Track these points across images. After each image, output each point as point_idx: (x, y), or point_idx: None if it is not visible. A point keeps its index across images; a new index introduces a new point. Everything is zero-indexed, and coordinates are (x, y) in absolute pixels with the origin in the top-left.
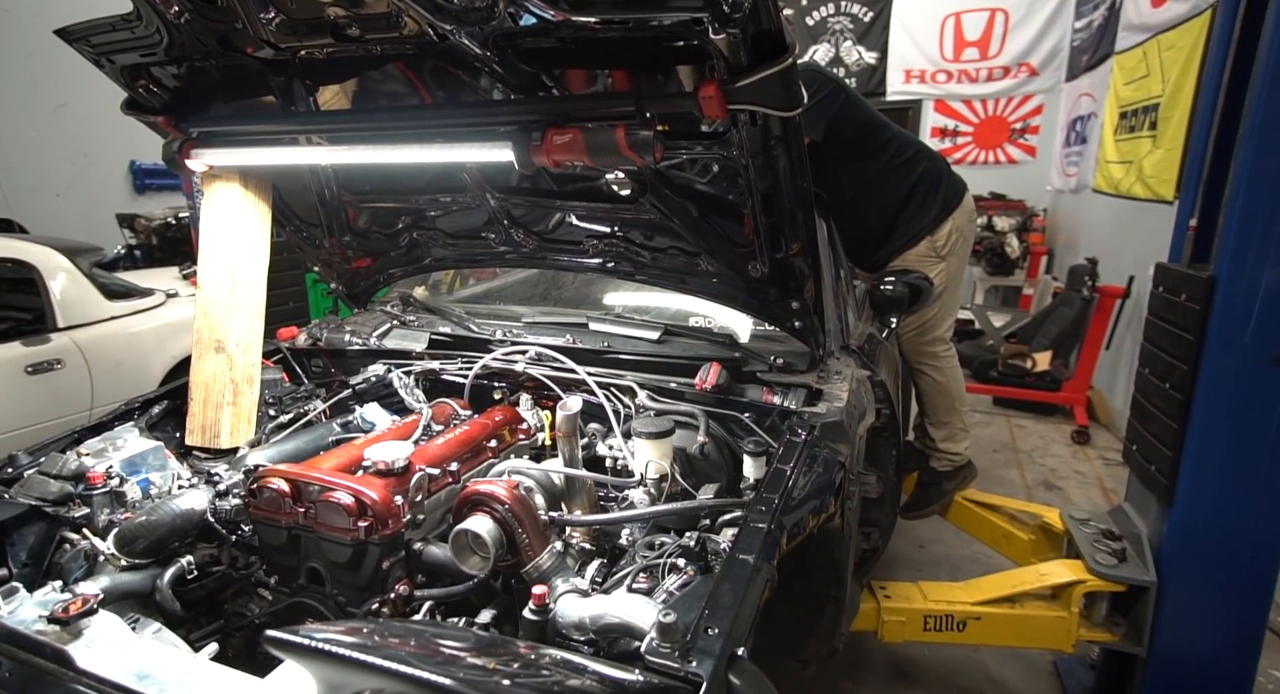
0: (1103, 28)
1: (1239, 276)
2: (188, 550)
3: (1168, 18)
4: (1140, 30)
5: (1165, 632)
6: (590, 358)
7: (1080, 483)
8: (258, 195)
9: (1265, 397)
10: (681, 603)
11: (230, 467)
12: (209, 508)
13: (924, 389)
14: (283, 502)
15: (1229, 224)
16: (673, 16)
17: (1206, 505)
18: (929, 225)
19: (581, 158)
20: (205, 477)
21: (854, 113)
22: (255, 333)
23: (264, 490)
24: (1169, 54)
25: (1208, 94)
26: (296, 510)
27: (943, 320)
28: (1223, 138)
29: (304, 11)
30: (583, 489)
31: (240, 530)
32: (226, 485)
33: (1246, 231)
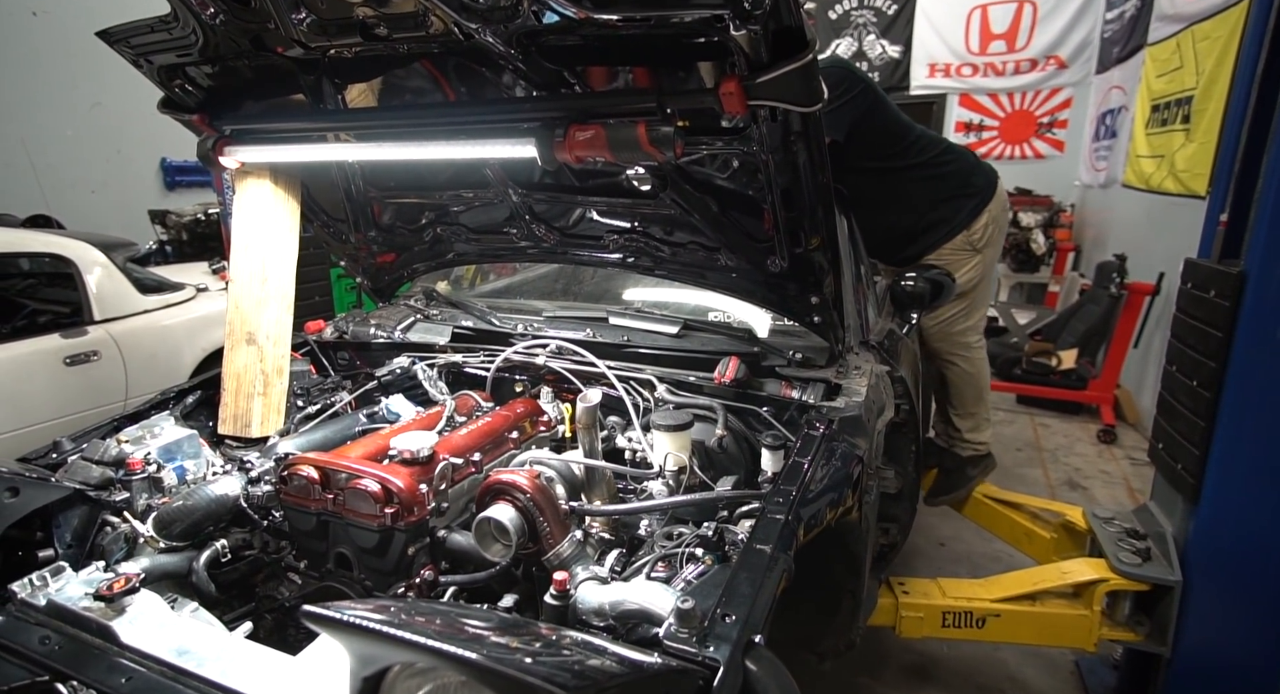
0: (1135, 18)
1: (1271, 272)
2: (222, 534)
3: (1203, 7)
4: (1174, 21)
5: (1190, 632)
6: (610, 352)
7: (1105, 482)
8: (287, 191)
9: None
10: (699, 591)
11: (262, 455)
12: (242, 494)
13: (953, 380)
14: (312, 489)
15: (1261, 219)
16: (694, 13)
17: (1234, 504)
18: (964, 219)
19: (603, 154)
20: (238, 464)
21: (881, 112)
22: (285, 326)
23: (294, 477)
24: (1203, 45)
25: (1241, 86)
26: (325, 497)
27: (976, 311)
28: (1256, 130)
29: (334, 12)
30: (602, 480)
31: (271, 516)
32: (258, 472)
33: (1278, 226)
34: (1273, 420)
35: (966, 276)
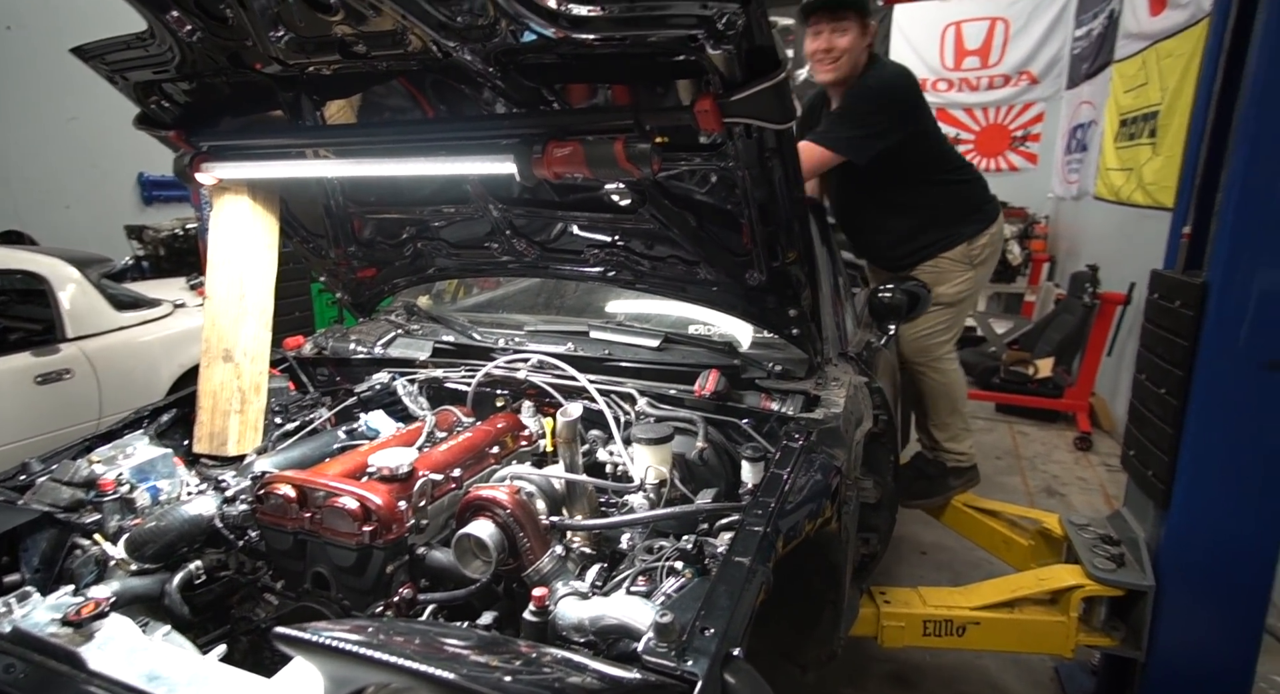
0: (1102, 36)
1: (1232, 282)
2: (196, 556)
3: (1166, 26)
4: (1139, 38)
5: (1163, 636)
6: (591, 365)
7: (1083, 489)
8: (266, 207)
9: (1259, 401)
10: (678, 604)
11: (238, 474)
12: (217, 514)
13: (926, 390)
14: (289, 507)
15: (1221, 231)
16: (669, 33)
17: (1203, 510)
18: (970, 232)
19: (581, 170)
20: (213, 483)
21: (932, 120)
22: (263, 342)
23: (271, 496)
24: (1167, 62)
25: (1200, 103)
26: (303, 516)
27: (953, 327)
28: (1214, 146)
29: (312, 29)
30: (583, 494)
31: (247, 536)
32: (234, 492)
33: (1238, 238)
34: (1237, 427)
35: (956, 288)
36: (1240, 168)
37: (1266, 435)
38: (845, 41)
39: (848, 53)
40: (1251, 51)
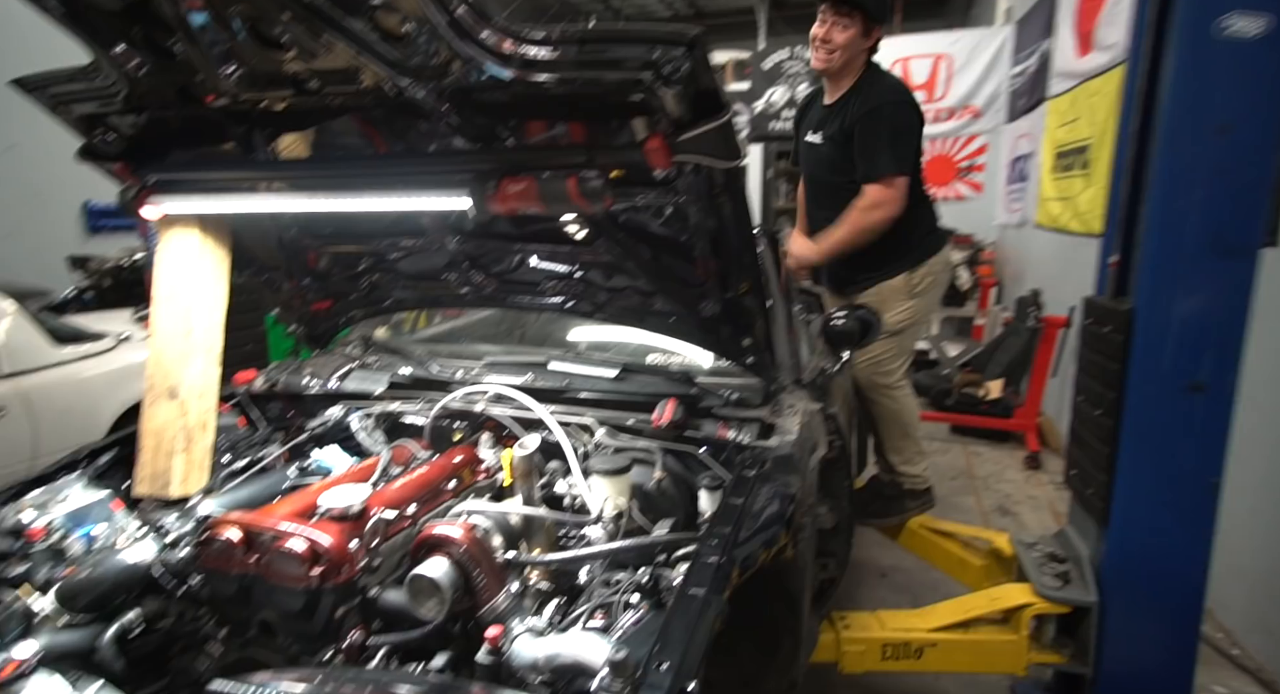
0: (1036, 74)
1: (1155, 309)
2: (133, 605)
3: (1092, 66)
4: (1069, 77)
5: (1109, 650)
6: (550, 396)
7: (1033, 507)
8: (216, 240)
9: (1185, 421)
10: (633, 639)
11: (181, 516)
12: (156, 560)
13: (879, 416)
14: (234, 551)
15: (1144, 260)
16: (619, 76)
17: (1138, 526)
18: (910, 263)
19: (535, 206)
20: (153, 528)
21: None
22: (211, 378)
23: (215, 540)
24: (1095, 99)
25: (1121, 140)
26: (248, 559)
27: (900, 355)
28: (1135, 180)
29: (264, 65)
30: (541, 528)
31: (189, 583)
32: (176, 536)
33: (1158, 267)
34: (1166, 446)
35: (898, 317)
36: (1157, 202)
37: (1192, 454)
38: (844, 37)
39: (843, 49)
40: (1161, 95)
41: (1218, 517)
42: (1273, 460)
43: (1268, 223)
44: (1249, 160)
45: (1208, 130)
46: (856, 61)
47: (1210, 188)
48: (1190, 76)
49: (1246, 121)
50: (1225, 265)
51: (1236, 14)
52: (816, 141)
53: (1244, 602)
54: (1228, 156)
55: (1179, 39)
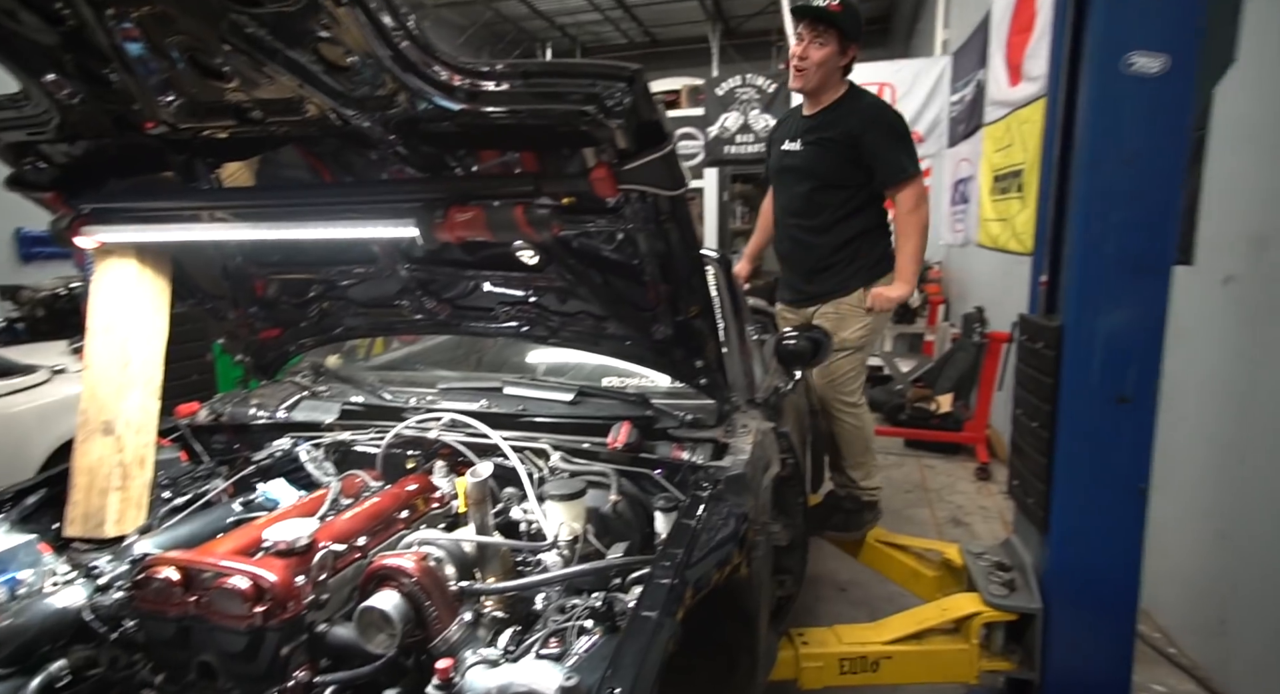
0: (973, 102)
1: (1081, 325)
2: (61, 654)
3: (1022, 96)
4: (1002, 105)
5: (1053, 655)
6: (505, 422)
7: (984, 518)
8: (155, 269)
9: (1113, 431)
10: (586, 665)
11: (114, 557)
12: (87, 605)
13: (842, 434)
14: (172, 591)
15: (1070, 279)
16: (564, 107)
17: (1075, 533)
18: (866, 279)
19: (483, 234)
20: (84, 570)
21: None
22: (149, 412)
23: (151, 580)
24: (1026, 127)
25: (1046, 167)
26: (187, 600)
27: (861, 371)
28: (1060, 203)
29: (205, 95)
30: (496, 556)
31: (123, 627)
32: (109, 578)
33: (1083, 286)
34: (1098, 455)
35: (858, 333)
36: (1078, 225)
37: (1121, 462)
38: (820, 54)
39: (819, 66)
40: (1078, 126)
41: (1147, 521)
42: (1199, 466)
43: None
44: (1158, 186)
45: (1120, 159)
46: (834, 78)
47: (1125, 212)
48: (1102, 109)
49: (1154, 151)
50: (1142, 283)
51: (1138, 53)
52: (794, 148)
53: (1178, 602)
54: (1138, 183)
55: (1090, 75)
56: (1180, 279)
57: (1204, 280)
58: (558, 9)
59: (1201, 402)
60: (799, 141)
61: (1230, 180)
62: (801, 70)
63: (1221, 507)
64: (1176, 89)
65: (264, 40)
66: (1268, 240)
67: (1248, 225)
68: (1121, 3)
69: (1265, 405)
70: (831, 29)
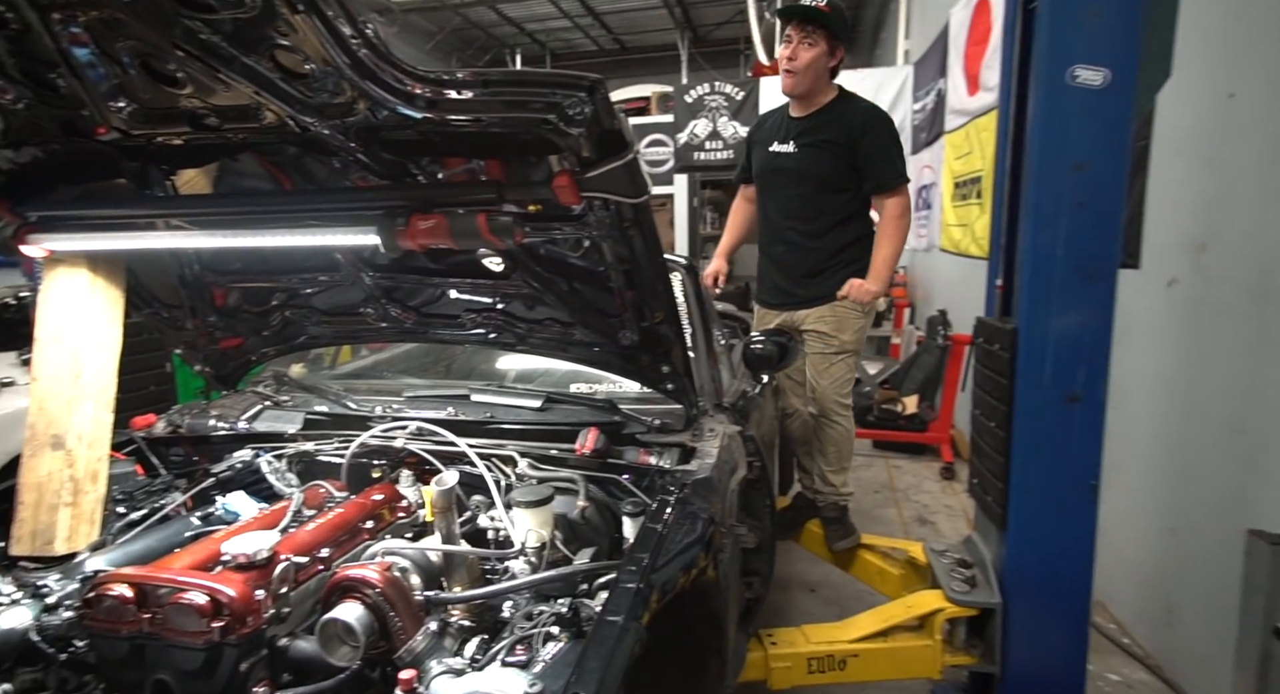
0: (934, 110)
1: (1034, 328)
2: (5, 677)
3: (980, 105)
4: (962, 114)
5: (1012, 648)
6: (473, 429)
7: (949, 516)
8: (108, 279)
9: (1065, 430)
10: (551, 671)
11: (64, 576)
12: (34, 625)
13: (835, 437)
14: (125, 609)
15: (1022, 283)
16: (525, 116)
17: (1031, 529)
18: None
19: (446, 242)
20: (31, 590)
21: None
22: (103, 425)
23: (103, 598)
24: (984, 135)
25: (999, 174)
26: (141, 617)
27: (854, 373)
28: (1013, 209)
29: (158, 101)
30: (462, 564)
31: (72, 647)
32: (58, 597)
33: (1034, 290)
34: (1050, 454)
35: (855, 335)
36: (1029, 231)
37: (1073, 460)
38: (810, 55)
39: (810, 67)
40: (1028, 136)
41: (1098, 516)
42: (1147, 463)
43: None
44: (1104, 194)
45: (1067, 167)
46: (824, 80)
47: (1072, 219)
48: (1049, 120)
49: (1099, 160)
50: (1089, 287)
51: (1081, 66)
52: (788, 150)
53: (1131, 594)
54: (1085, 191)
55: (1038, 87)
56: (1127, 282)
57: (1149, 283)
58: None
59: (1148, 400)
60: (792, 143)
61: (1172, 188)
62: (792, 72)
63: (1169, 502)
64: (1118, 101)
65: (218, 47)
66: (1205, 245)
67: (1188, 231)
68: (1065, 19)
69: (1207, 403)
70: (820, 29)
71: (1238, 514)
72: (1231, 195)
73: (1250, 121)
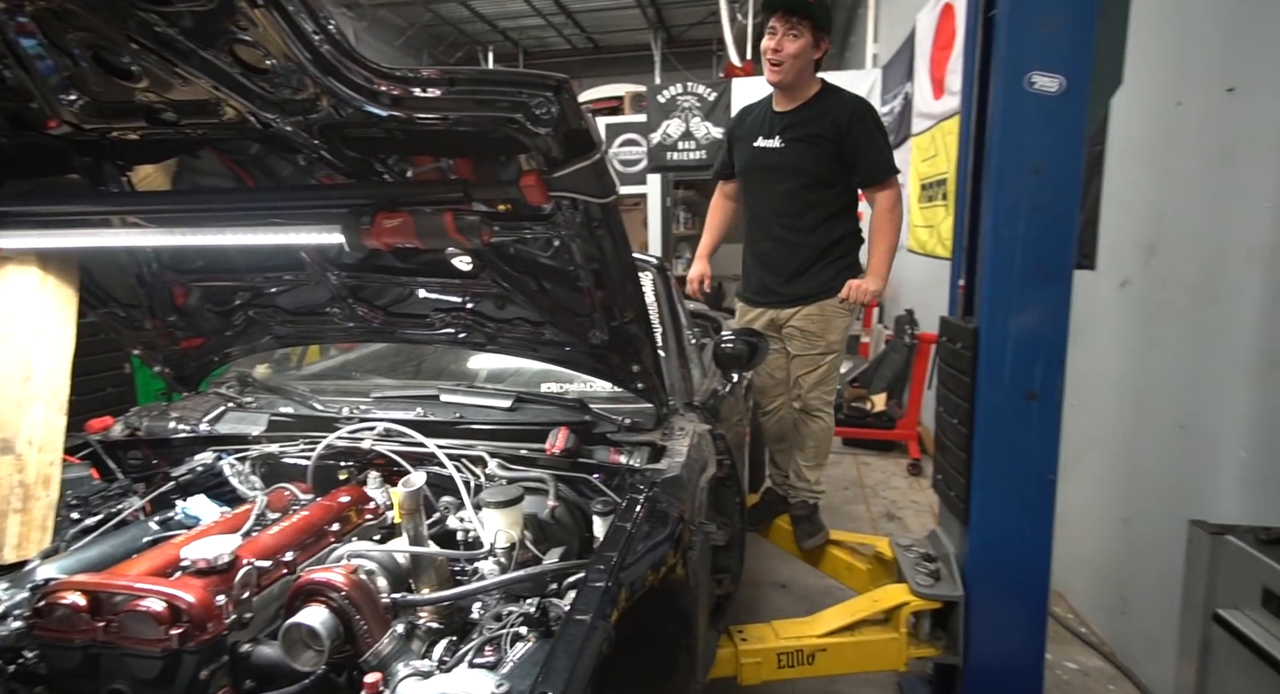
0: (901, 113)
1: (994, 327)
2: None
3: (945, 109)
4: (927, 117)
5: (974, 639)
6: (442, 429)
7: (916, 511)
8: (60, 277)
9: (1023, 426)
10: (518, 672)
11: (12, 585)
12: None
13: (817, 433)
14: (78, 618)
15: (983, 283)
16: (491, 114)
17: (992, 522)
18: (844, 282)
19: (412, 240)
20: None
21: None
22: (55, 428)
23: (54, 607)
24: (949, 138)
25: (961, 177)
26: (95, 626)
27: (838, 371)
28: (974, 211)
29: (111, 95)
30: (430, 566)
31: (22, 658)
32: (5, 607)
33: (994, 290)
34: (1010, 449)
35: (840, 334)
36: (989, 232)
37: (1032, 455)
38: (795, 47)
39: (794, 58)
40: (988, 140)
41: (1056, 509)
42: (1102, 456)
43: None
44: (1060, 197)
45: (1025, 171)
46: (808, 72)
47: (1030, 220)
48: (1008, 125)
49: (1055, 164)
50: (1047, 287)
51: (1038, 73)
52: (774, 145)
53: (1087, 584)
54: (1042, 194)
55: (997, 93)
56: (1084, 283)
57: (1104, 284)
58: (499, 13)
59: (1103, 397)
60: (778, 138)
61: (1125, 192)
62: (777, 64)
63: (1122, 495)
64: (1073, 107)
65: (175, 40)
66: (1155, 246)
67: (1139, 234)
68: (1022, 26)
69: (1157, 399)
70: (805, 21)
71: (1183, 506)
72: (1178, 199)
73: (1196, 128)
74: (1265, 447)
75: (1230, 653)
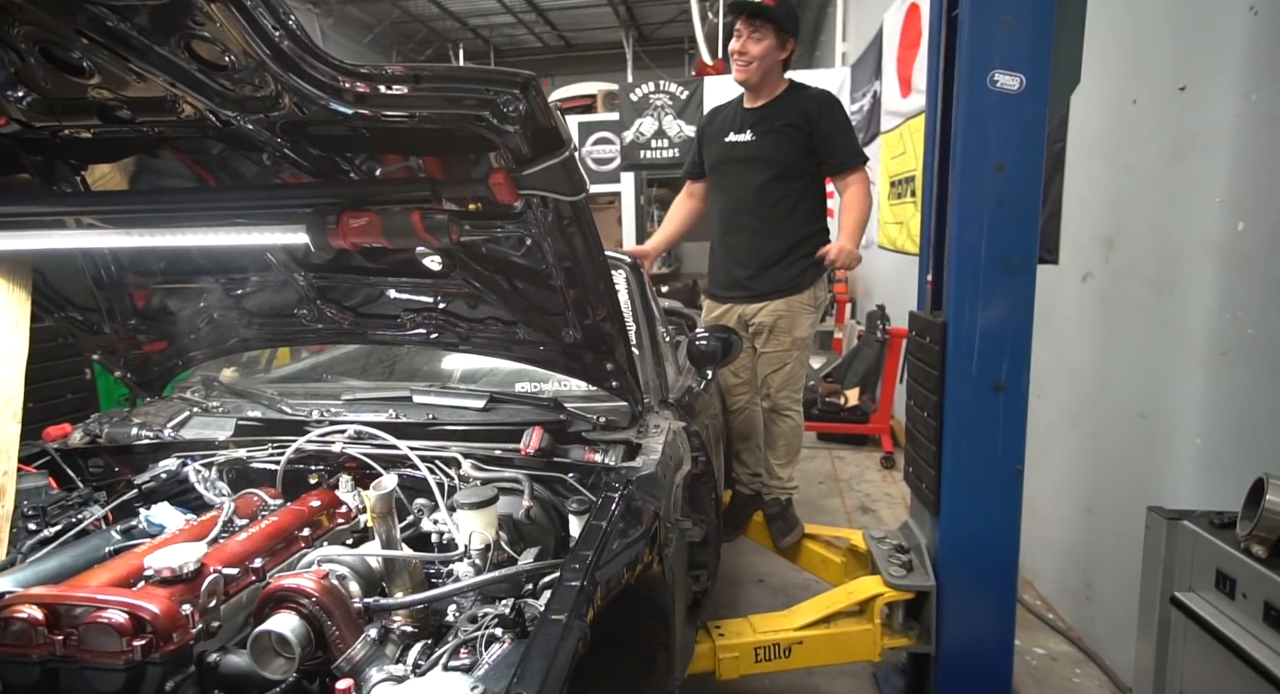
0: (870, 111)
1: (961, 321)
2: None
3: (913, 107)
4: (896, 115)
5: (946, 629)
6: (415, 431)
7: (890, 504)
8: (11, 280)
9: (991, 418)
10: (493, 674)
11: None
12: None
13: (786, 432)
14: (35, 632)
15: (950, 279)
16: (458, 112)
17: (962, 513)
18: (813, 278)
19: (379, 240)
20: None
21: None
22: (9, 437)
23: (10, 622)
24: (917, 135)
25: (927, 175)
26: (54, 639)
27: (805, 367)
28: (940, 209)
29: (62, 92)
30: (404, 569)
31: None
32: None
33: (960, 285)
34: (978, 441)
35: (807, 331)
36: (955, 228)
37: (999, 446)
38: (758, 49)
39: (759, 60)
40: (953, 137)
41: (1023, 499)
42: (1066, 446)
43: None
44: (1022, 193)
45: (988, 168)
46: (775, 72)
47: (994, 216)
48: (972, 123)
49: (1018, 161)
50: (1011, 281)
51: (1000, 72)
52: (745, 139)
53: (1054, 571)
54: (1005, 190)
55: (961, 91)
56: (1048, 277)
57: (1067, 278)
58: (469, 10)
59: (1068, 388)
60: (749, 132)
61: (1085, 188)
62: (743, 65)
63: (1086, 483)
64: (1034, 105)
65: (129, 36)
66: (1114, 241)
67: (1099, 228)
68: (984, 26)
69: (1117, 389)
70: (767, 23)
71: (1144, 492)
72: (1135, 194)
73: (1150, 125)
74: (1218, 433)
75: (1187, 634)
